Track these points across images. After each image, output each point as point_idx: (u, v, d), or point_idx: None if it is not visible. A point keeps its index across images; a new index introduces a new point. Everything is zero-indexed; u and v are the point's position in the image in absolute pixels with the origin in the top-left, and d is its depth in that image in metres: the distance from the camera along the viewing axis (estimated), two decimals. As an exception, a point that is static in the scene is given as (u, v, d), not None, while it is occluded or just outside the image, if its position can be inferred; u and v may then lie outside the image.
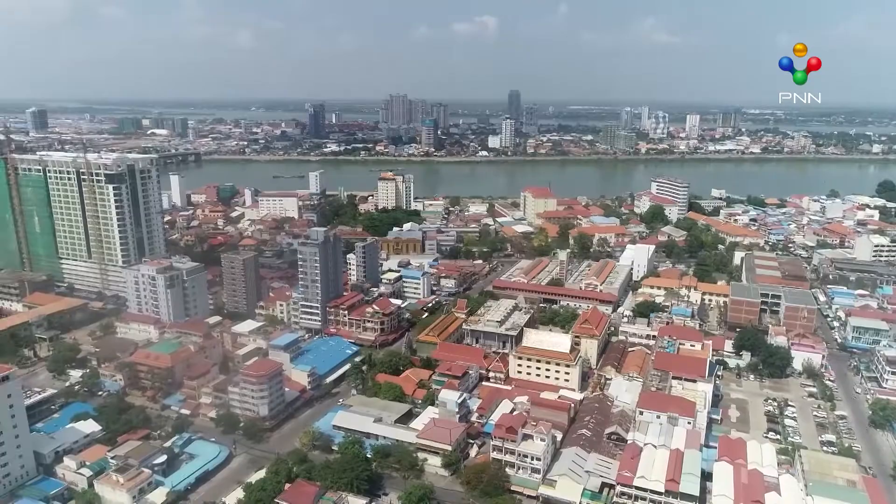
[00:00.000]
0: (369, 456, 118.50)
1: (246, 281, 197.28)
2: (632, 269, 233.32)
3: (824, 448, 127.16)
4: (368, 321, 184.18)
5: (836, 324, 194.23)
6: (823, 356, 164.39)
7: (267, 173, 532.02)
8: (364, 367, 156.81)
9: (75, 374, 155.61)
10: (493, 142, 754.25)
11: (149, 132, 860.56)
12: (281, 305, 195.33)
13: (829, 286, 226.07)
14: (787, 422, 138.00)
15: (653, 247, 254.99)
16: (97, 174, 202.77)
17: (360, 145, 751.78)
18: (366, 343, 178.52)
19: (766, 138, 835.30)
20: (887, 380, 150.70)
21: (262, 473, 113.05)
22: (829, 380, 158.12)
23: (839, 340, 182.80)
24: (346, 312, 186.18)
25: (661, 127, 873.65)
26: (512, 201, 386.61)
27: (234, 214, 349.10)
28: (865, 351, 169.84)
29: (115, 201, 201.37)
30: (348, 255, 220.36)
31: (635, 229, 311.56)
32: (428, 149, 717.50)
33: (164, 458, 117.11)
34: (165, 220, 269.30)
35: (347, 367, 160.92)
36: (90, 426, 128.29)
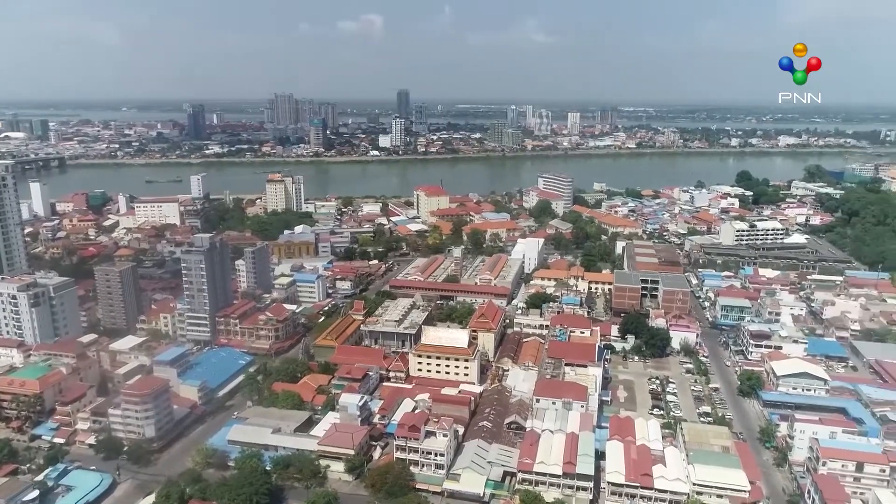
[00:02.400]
0: (269, 468, 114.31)
1: (124, 294, 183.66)
2: (523, 262, 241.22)
3: (701, 419, 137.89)
4: (262, 329, 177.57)
5: (707, 304, 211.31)
6: (698, 334, 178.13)
7: (143, 178, 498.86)
8: (259, 377, 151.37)
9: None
10: (384, 141, 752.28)
11: (1, 135, 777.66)
12: (165, 318, 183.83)
13: (699, 270, 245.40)
14: (669, 398, 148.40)
15: (542, 240, 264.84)
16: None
17: (245, 146, 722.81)
18: (260, 352, 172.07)
19: (639, 134, 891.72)
20: (751, 352, 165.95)
21: (151, 499, 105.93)
22: (704, 356, 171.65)
23: (710, 319, 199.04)
24: (238, 321, 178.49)
25: (545, 124, 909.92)
26: (405, 200, 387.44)
27: (107, 223, 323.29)
28: (732, 327, 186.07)
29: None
30: (237, 262, 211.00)
31: (525, 224, 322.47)
32: (317, 149, 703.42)
33: (36, 493, 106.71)
34: (26, 232, 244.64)
35: (241, 378, 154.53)
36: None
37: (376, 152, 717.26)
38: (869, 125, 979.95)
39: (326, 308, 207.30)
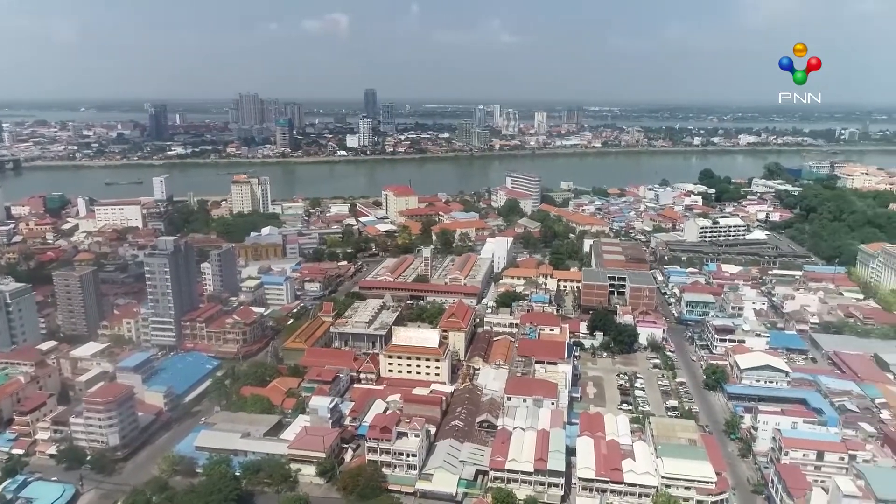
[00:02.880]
0: (238, 474, 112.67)
1: (84, 299, 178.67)
2: (493, 261, 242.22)
3: (669, 413, 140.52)
4: (229, 332, 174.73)
5: (672, 300, 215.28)
6: (664, 330, 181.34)
7: (102, 180, 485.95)
8: (227, 382, 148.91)
9: None
10: (352, 141, 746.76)
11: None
12: (128, 323, 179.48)
13: (665, 266, 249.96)
14: (637, 393, 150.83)
15: (511, 239, 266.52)
16: None
17: (210, 147, 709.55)
18: (228, 356, 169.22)
19: (605, 133, 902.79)
20: (716, 346, 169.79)
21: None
22: (670, 351, 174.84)
23: (676, 315, 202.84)
24: (204, 325, 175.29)
25: (512, 124, 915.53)
26: (374, 200, 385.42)
27: (65, 227, 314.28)
28: (698, 322, 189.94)
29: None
30: (202, 265, 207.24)
31: (494, 223, 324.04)
32: (284, 149, 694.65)
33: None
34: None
35: (208, 382, 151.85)
36: None
37: (344, 152, 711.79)
38: (825, 124, 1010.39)
39: (295, 310, 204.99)
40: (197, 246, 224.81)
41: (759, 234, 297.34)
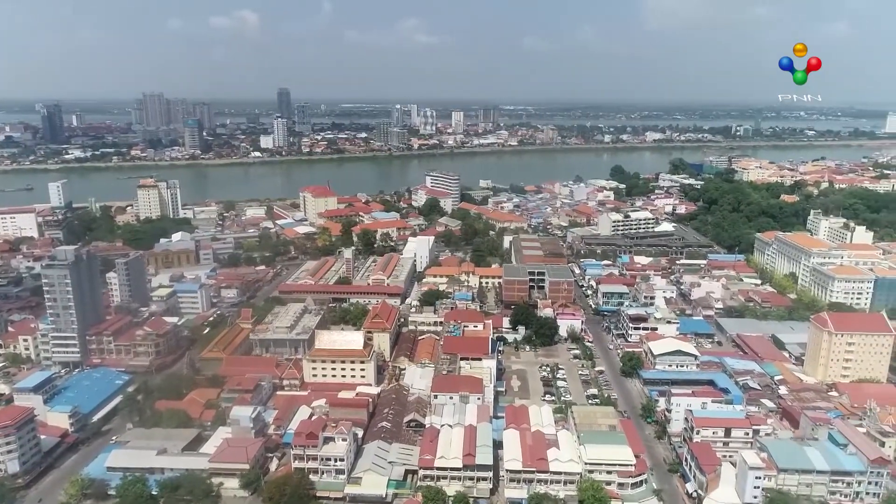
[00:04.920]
0: (155, 493, 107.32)
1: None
2: (415, 260, 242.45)
3: (590, 401, 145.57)
4: (140, 345, 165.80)
5: (589, 292, 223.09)
6: (583, 321, 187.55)
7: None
8: (139, 397, 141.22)
9: None
10: (266, 142, 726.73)
11: None
12: (25, 341, 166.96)
13: (581, 260, 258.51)
14: (559, 383, 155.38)
15: (432, 238, 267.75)
16: None
17: (112, 150, 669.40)
18: (140, 369, 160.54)
19: (521, 132, 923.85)
20: (631, 335, 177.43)
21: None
22: (589, 341, 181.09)
23: (593, 306, 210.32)
24: (112, 338, 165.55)
25: (429, 123, 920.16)
26: (291, 202, 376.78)
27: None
28: (613, 312, 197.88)
29: None
30: (108, 275, 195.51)
31: (415, 222, 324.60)
32: (193, 151, 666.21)
33: None
34: None
35: (119, 399, 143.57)
36: None
37: (258, 154, 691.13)
38: (722, 121, 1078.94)
39: (212, 318, 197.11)
40: (101, 255, 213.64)
41: (666, 227, 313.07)
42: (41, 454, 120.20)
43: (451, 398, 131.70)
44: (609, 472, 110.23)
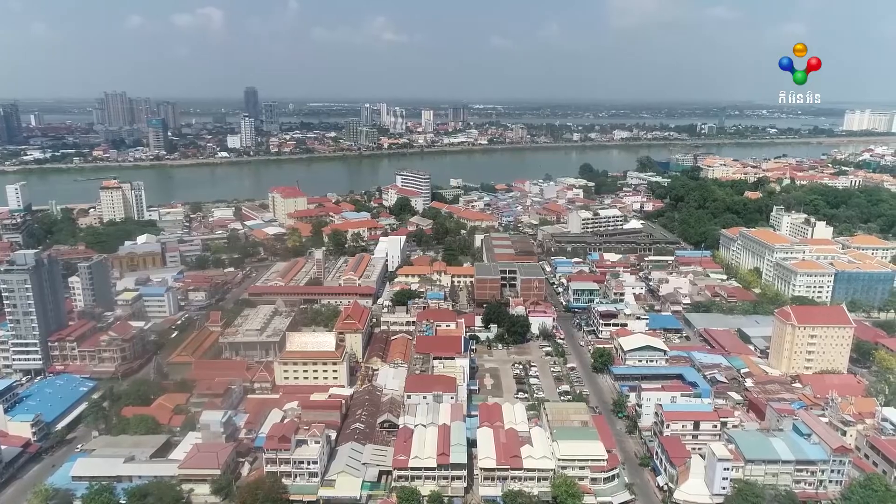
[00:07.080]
0: (123, 502, 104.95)
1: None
2: (386, 260, 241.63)
3: (562, 398, 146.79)
4: (105, 350, 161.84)
5: (560, 289, 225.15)
6: (554, 319, 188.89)
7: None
8: (105, 404, 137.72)
9: None
10: (233, 142, 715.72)
11: None
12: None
13: (552, 257, 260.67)
14: (532, 381, 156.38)
15: (403, 237, 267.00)
16: None
17: (73, 151, 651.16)
18: (105, 375, 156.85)
19: (490, 130, 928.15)
20: (602, 331, 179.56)
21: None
22: (560, 338, 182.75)
23: (564, 303, 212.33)
24: (76, 344, 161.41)
25: (399, 122, 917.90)
26: (260, 203, 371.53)
27: None
28: (584, 309, 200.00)
29: None
30: (71, 279, 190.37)
31: (386, 222, 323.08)
32: (158, 152, 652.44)
33: None
34: None
35: (84, 406, 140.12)
36: None
37: (225, 154, 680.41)
38: (687, 119, 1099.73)
39: (179, 322, 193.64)
40: (63, 259, 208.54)
41: (635, 224, 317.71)
42: (2, 465, 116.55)
43: (424, 398, 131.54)
44: (582, 468, 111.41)
